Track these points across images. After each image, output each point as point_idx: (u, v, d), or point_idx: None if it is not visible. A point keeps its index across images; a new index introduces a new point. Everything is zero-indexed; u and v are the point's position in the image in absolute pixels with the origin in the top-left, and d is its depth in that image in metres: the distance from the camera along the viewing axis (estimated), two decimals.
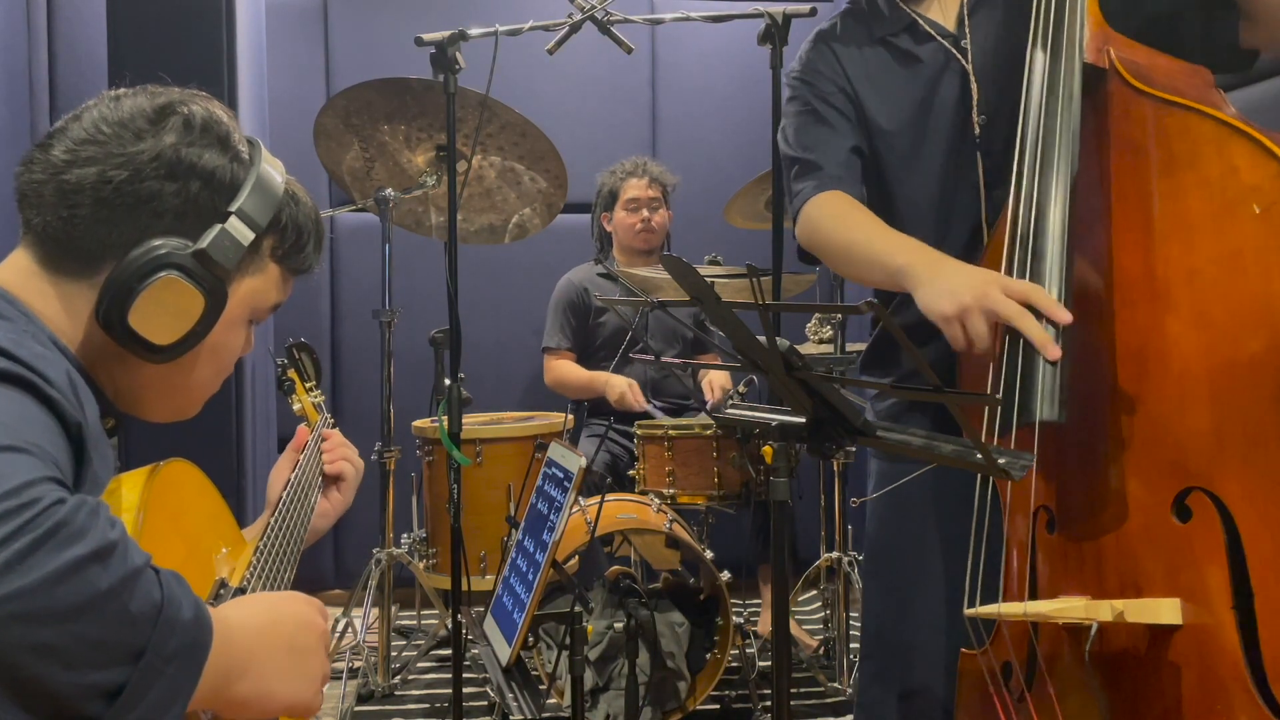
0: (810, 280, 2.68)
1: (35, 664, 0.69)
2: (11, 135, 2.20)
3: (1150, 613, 1.20)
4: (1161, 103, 1.25)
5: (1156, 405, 1.22)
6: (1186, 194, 1.21)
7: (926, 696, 1.63)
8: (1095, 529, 1.28)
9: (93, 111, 0.99)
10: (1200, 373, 1.17)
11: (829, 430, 1.17)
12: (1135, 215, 1.26)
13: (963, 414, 1.06)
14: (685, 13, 2.37)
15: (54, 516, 0.71)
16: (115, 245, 0.96)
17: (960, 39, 1.61)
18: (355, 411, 3.88)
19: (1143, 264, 1.24)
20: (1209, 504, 1.16)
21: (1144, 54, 1.35)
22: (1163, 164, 1.24)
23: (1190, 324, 1.19)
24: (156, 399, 1.03)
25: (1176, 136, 1.23)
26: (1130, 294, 1.26)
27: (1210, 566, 1.15)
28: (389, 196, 3.01)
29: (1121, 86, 1.31)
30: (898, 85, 1.64)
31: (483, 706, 2.89)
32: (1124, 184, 1.29)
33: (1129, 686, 1.24)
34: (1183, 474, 1.18)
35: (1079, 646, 1.26)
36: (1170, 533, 1.19)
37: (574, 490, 1.66)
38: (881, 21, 1.67)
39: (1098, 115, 1.33)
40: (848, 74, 1.67)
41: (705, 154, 4.14)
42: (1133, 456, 1.24)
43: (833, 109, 1.66)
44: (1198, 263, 1.19)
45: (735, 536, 3.38)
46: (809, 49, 1.73)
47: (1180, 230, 1.21)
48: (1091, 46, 1.35)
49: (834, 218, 1.59)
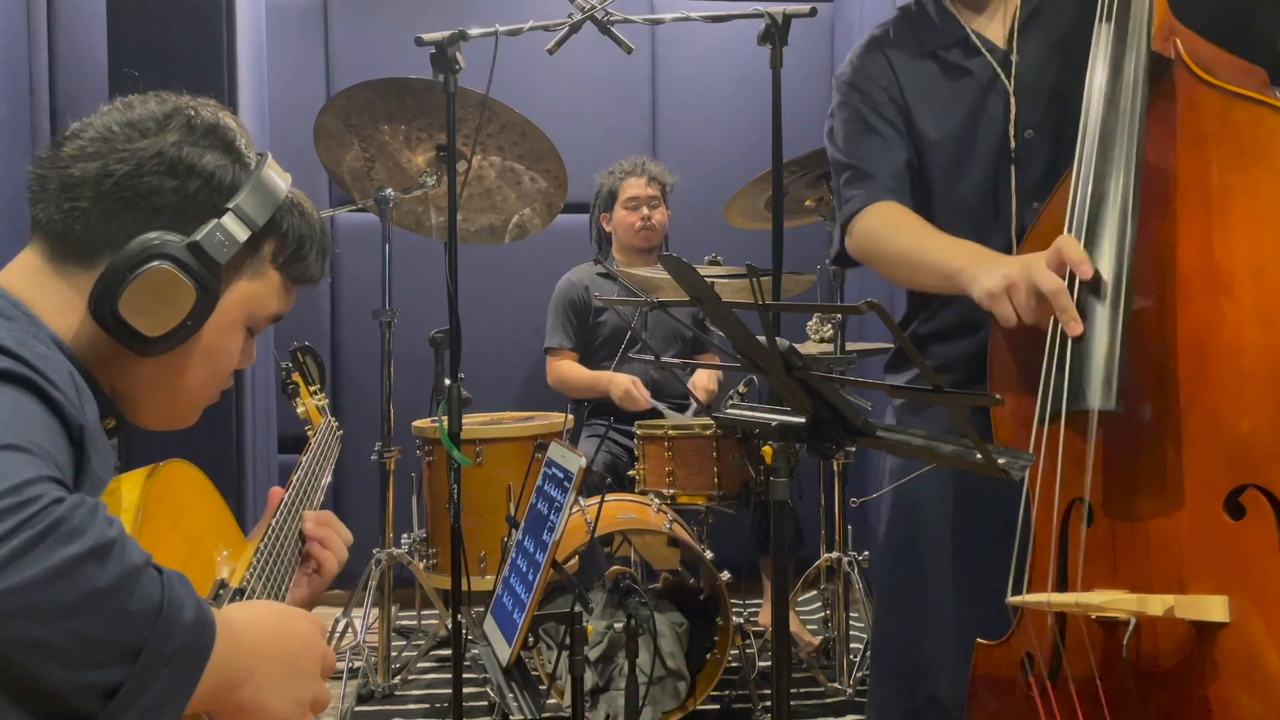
0: (810, 280, 2.68)
1: (31, 660, 0.69)
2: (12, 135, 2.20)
3: (1199, 609, 1.18)
4: (1232, 96, 1.23)
5: (1214, 400, 1.20)
6: (1257, 189, 1.19)
7: (938, 696, 1.63)
8: (1140, 523, 1.26)
9: (105, 116, 1.00)
10: (1262, 370, 1.16)
11: (829, 430, 1.17)
12: (1200, 207, 1.24)
13: (962, 412, 1.06)
14: (685, 13, 2.37)
15: (52, 514, 0.71)
16: (114, 239, 0.96)
17: (1009, 54, 1.63)
18: (355, 412, 3.88)
19: (1207, 257, 1.22)
20: (1264, 502, 1.14)
21: (1207, 48, 1.34)
22: (1232, 157, 1.22)
23: (1254, 320, 1.17)
24: (150, 400, 1.03)
25: (1248, 130, 1.21)
26: (1192, 287, 1.24)
27: (1263, 565, 1.14)
28: (389, 196, 3.00)
29: (1188, 77, 1.29)
30: (946, 99, 1.66)
31: (483, 706, 2.88)
32: (1189, 175, 1.27)
33: (1166, 684, 1.22)
34: (1238, 471, 1.17)
35: (1112, 641, 1.25)
36: (1222, 529, 1.18)
37: (574, 490, 1.66)
38: (933, 33, 1.69)
39: (1162, 105, 1.31)
40: (900, 83, 1.69)
41: (705, 154, 4.14)
42: (1186, 451, 1.22)
43: (884, 120, 1.68)
44: (1266, 259, 1.17)
45: (735, 536, 3.38)
46: (862, 53, 1.74)
47: (1249, 225, 1.20)
48: (1158, 36, 1.34)
49: (891, 225, 1.62)
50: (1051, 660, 1.34)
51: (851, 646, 3.04)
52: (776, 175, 2.29)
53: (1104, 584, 1.29)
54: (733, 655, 2.79)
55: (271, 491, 1.28)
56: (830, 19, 4.19)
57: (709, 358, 3.57)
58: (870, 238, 1.65)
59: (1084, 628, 1.30)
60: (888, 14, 1.80)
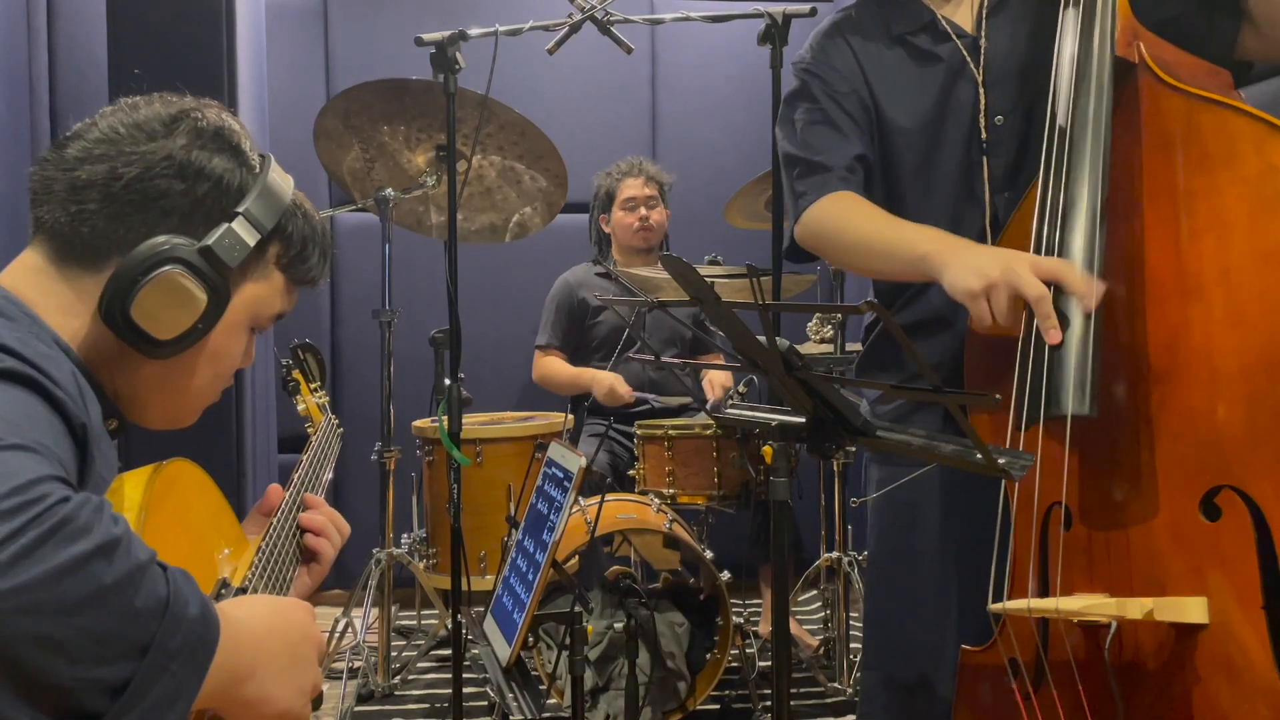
0: (810, 280, 2.68)
1: (40, 657, 0.70)
2: (12, 135, 2.21)
3: (1178, 611, 1.19)
4: (1196, 99, 1.24)
5: (1187, 402, 1.20)
6: (1222, 191, 1.19)
7: (930, 702, 1.62)
8: (1118, 526, 1.27)
9: (110, 117, 1.00)
10: (1233, 370, 1.16)
11: (829, 430, 1.18)
12: (1167, 211, 1.25)
13: (963, 413, 1.06)
14: (685, 13, 2.38)
15: (58, 513, 0.71)
16: (122, 242, 0.96)
17: (978, 39, 1.60)
18: (355, 411, 3.88)
19: (1175, 260, 1.23)
20: (1239, 503, 1.15)
21: (1170, 50, 1.34)
22: (1197, 160, 1.23)
23: (1224, 321, 1.18)
24: (155, 401, 1.03)
25: (1212, 134, 1.21)
26: (1162, 290, 1.24)
27: (1239, 566, 1.14)
28: (389, 196, 3.01)
29: (1152, 81, 1.29)
30: (914, 85, 1.62)
31: (483, 706, 2.89)
32: (1155, 179, 1.27)
33: (1148, 686, 1.23)
34: (1212, 472, 1.18)
35: (1094, 644, 1.25)
36: (1198, 531, 1.18)
37: (574, 490, 1.67)
38: (901, 16, 1.64)
39: (1127, 109, 1.32)
40: (864, 72, 1.64)
41: (705, 154, 4.14)
42: (1161, 453, 1.23)
43: (844, 113, 1.63)
44: (1233, 260, 1.17)
45: (735, 536, 3.38)
46: (823, 39, 1.68)
47: (1215, 227, 1.20)
48: (1122, 40, 1.34)
49: (848, 212, 1.57)
50: (1035, 664, 1.34)
51: (852, 646, 3.04)
52: (776, 175, 2.29)
53: (1084, 587, 1.30)
54: (733, 655, 2.80)
55: (271, 489, 1.29)
56: None
57: (710, 358, 3.57)
58: (825, 224, 1.59)
59: (1065, 632, 1.31)
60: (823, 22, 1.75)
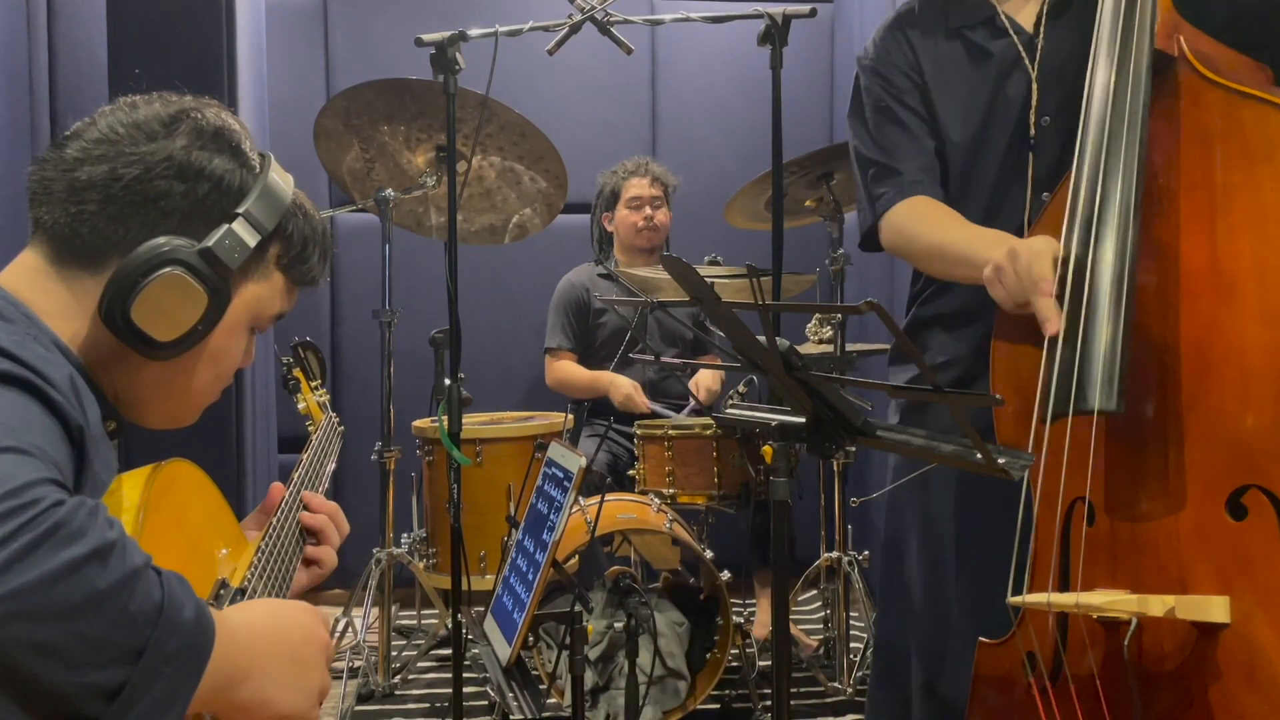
0: (810, 280, 2.68)
1: (34, 663, 0.70)
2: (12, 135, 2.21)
3: (1200, 610, 1.18)
4: (1236, 94, 1.23)
5: (1217, 400, 1.19)
6: (1262, 187, 1.18)
7: (939, 694, 1.63)
8: (1142, 523, 1.26)
9: (109, 116, 1.00)
10: (1265, 370, 1.15)
11: (829, 430, 1.17)
12: (1203, 206, 1.24)
13: (962, 412, 1.06)
14: (685, 13, 2.37)
15: (53, 517, 0.71)
16: (122, 243, 0.96)
17: (1035, 38, 1.62)
18: (355, 411, 3.88)
19: (1210, 256, 1.22)
20: (1266, 503, 1.14)
21: (1210, 44, 1.33)
22: (1237, 155, 1.21)
23: (1258, 319, 1.17)
24: (155, 401, 1.03)
25: (1254, 128, 1.20)
26: (1195, 285, 1.23)
27: (1264, 566, 1.14)
28: (389, 196, 3.01)
29: (1192, 75, 1.28)
30: (967, 81, 1.65)
31: (483, 706, 2.89)
32: (1192, 173, 1.26)
33: (1167, 684, 1.22)
34: (1240, 471, 1.17)
35: (1113, 641, 1.25)
36: (1223, 530, 1.18)
37: (574, 490, 1.66)
38: (960, 10, 1.67)
39: (1165, 102, 1.31)
40: (921, 66, 1.68)
41: (705, 154, 4.14)
42: (1188, 451, 1.22)
43: (908, 109, 1.68)
44: (1271, 257, 1.16)
45: (735, 536, 3.38)
46: (885, 35, 1.73)
47: (1253, 223, 1.19)
48: (1161, 33, 1.33)
49: (922, 220, 1.63)
50: (1053, 660, 1.34)
51: (852, 646, 3.04)
52: (776, 175, 2.29)
53: (1105, 583, 1.29)
54: (733, 655, 2.79)
55: (274, 487, 1.29)
56: (830, 19, 4.19)
57: (710, 358, 3.57)
58: (900, 234, 1.66)
59: (1085, 627, 1.30)
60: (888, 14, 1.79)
